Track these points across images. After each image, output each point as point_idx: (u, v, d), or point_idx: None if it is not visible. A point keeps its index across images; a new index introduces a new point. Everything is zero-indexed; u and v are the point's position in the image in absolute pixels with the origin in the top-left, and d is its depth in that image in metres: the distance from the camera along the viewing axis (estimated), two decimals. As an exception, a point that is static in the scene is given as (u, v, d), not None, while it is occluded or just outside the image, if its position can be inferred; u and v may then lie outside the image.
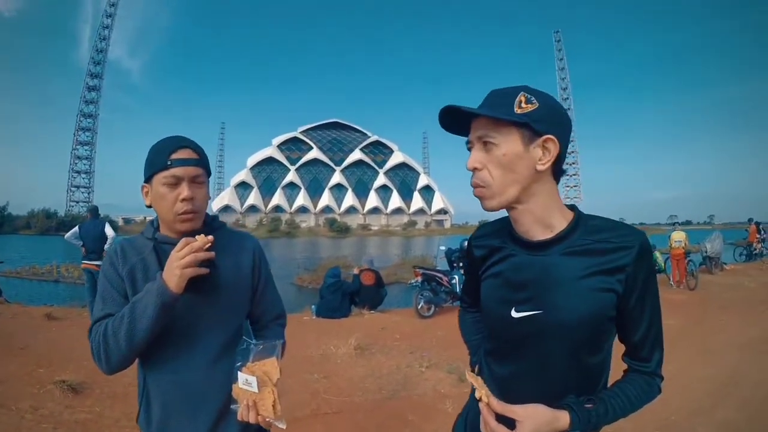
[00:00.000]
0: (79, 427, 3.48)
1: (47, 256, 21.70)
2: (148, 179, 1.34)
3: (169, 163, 1.29)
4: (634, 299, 1.04)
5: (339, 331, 6.64)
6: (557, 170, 1.08)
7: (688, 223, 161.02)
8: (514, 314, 1.09)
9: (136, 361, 1.34)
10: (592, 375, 1.09)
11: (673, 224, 12.99)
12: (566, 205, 1.13)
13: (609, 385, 1.13)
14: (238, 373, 1.22)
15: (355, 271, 9.31)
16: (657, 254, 13.25)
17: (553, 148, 1.03)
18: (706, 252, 13.86)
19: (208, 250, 1.24)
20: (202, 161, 1.35)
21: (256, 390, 1.20)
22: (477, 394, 1.03)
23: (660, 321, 1.10)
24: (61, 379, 4.08)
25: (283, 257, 30.52)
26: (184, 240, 1.23)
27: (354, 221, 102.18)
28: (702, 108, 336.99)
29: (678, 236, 11.65)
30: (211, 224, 1.46)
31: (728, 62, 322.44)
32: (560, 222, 1.08)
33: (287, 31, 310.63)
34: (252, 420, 1.21)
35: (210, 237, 1.25)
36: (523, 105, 1.01)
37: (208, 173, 1.40)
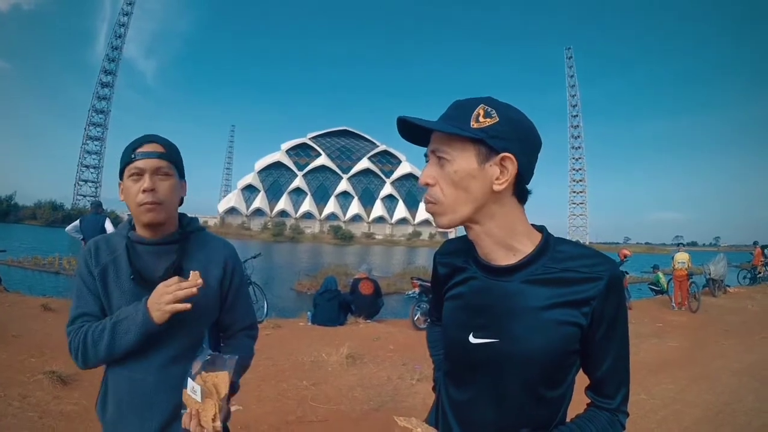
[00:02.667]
0: (64, 418, 3.49)
1: (51, 247, 21.87)
2: (121, 176, 1.37)
3: (133, 156, 1.33)
4: (600, 334, 0.97)
5: (333, 338, 6.60)
6: (520, 190, 1.00)
7: (694, 244, 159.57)
8: (472, 339, 1.03)
9: None
10: (550, 408, 1.03)
11: (678, 245, 12.90)
12: (535, 227, 1.06)
13: (569, 418, 1.06)
14: (188, 379, 1.23)
15: (356, 275, 9.27)
16: (660, 275, 13.26)
17: (511, 167, 0.94)
18: (709, 274, 13.64)
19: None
20: (167, 155, 1.36)
21: (200, 399, 1.20)
22: None
23: (627, 357, 1.03)
24: (51, 369, 4.10)
25: (285, 262, 30.59)
26: (176, 278, 1.26)
27: (358, 230, 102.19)
28: (711, 129, 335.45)
29: (681, 257, 11.55)
30: (185, 226, 1.46)
31: (737, 84, 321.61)
32: (525, 246, 1.00)
33: (301, 39, 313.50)
34: (192, 428, 1.22)
35: (200, 281, 1.26)
36: (480, 119, 0.94)
37: (179, 169, 1.41)
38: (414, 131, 1.02)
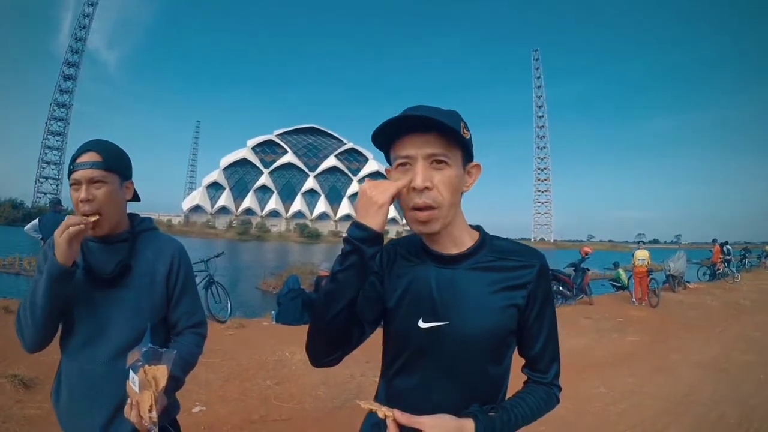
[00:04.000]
0: (27, 422, 3.47)
1: (11, 247, 20.95)
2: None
3: (72, 167, 1.41)
4: (534, 314, 1.12)
5: (297, 337, 6.55)
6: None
7: (656, 242, 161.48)
8: (422, 324, 1.11)
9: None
10: (495, 385, 1.14)
11: (639, 243, 13.30)
12: (471, 226, 1.20)
13: (509, 396, 1.17)
14: (130, 371, 1.27)
15: (320, 273, 9.28)
16: (620, 271, 13.51)
17: (476, 173, 1.13)
18: (669, 270, 14.10)
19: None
20: (103, 163, 1.41)
21: (137, 390, 1.24)
22: (380, 415, 1.01)
23: (557, 335, 1.18)
24: (14, 373, 4.05)
25: (251, 261, 30.06)
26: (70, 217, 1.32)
27: (325, 228, 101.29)
28: (674, 129, 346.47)
29: (641, 254, 11.92)
30: (136, 226, 1.56)
31: (699, 85, 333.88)
32: (467, 240, 1.14)
33: (268, 33, 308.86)
34: (132, 418, 1.27)
35: (88, 219, 1.35)
36: (464, 130, 1.06)
37: (120, 174, 1.48)
38: (388, 136, 1.08)
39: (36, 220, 7.54)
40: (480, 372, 1.12)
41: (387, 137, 1.08)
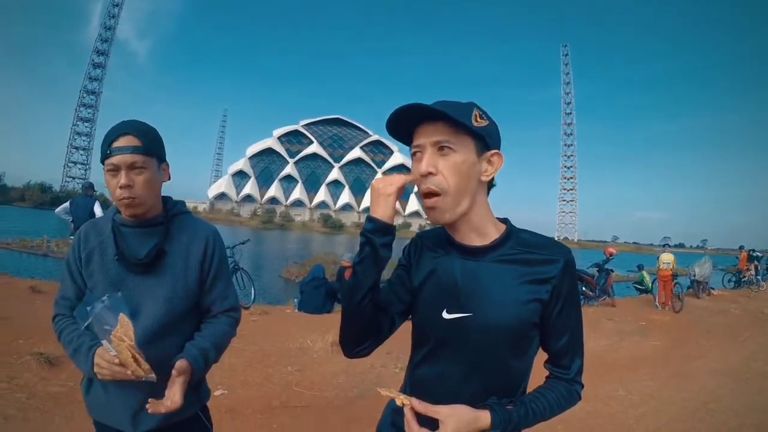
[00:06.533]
0: (52, 399, 3.51)
1: (39, 229, 21.58)
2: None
3: (108, 152, 1.36)
4: (558, 309, 1.10)
5: (319, 325, 6.57)
6: (490, 183, 1.15)
7: (681, 245, 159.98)
8: (446, 315, 1.12)
9: None
10: (515, 378, 1.14)
11: (665, 246, 13.03)
12: (498, 219, 1.19)
13: (529, 390, 1.17)
14: (104, 342, 1.25)
15: (343, 263, 9.29)
16: (645, 274, 13.19)
17: (498, 162, 1.11)
18: (694, 276, 13.72)
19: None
20: (142, 148, 1.37)
21: (114, 351, 1.23)
22: (398, 402, 1.03)
23: (581, 331, 1.16)
24: (39, 351, 4.10)
25: (274, 250, 30.50)
26: (121, 369, 1.26)
27: (349, 219, 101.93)
28: (705, 132, 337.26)
29: (666, 258, 11.63)
30: (169, 209, 1.52)
31: (733, 86, 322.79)
32: (493, 232, 1.14)
33: (296, 24, 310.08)
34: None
35: (144, 375, 1.27)
36: (478, 120, 1.07)
37: (158, 157, 1.44)
38: (402, 124, 1.11)
39: (67, 203, 7.68)
40: (501, 365, 1.11)
41: (406, 131, 1.13)
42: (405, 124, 1.11)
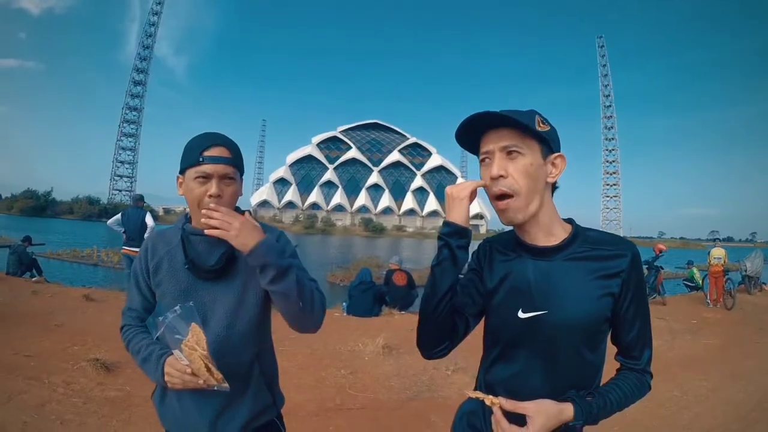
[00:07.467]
0: (108, 403, 3.57)
1: (88, 240, 22.54)
2: (182, 171, 1.39)
3: (201, 159, 1.34)
4: (627, 302, 1.15)
5: (368, 329, 6.62)
6: (554, 185, 1.21)
7: (730, 239, 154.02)
8: (521, 315, 1.17)
9: None
10: (591, 371, 1.18)
11: (714, 240, 12.44)
12: (564, 219, 1.24)
13: (603, 382, 1.21)
14: (175, 351, 1.23)
15: (391, 266, 9.23)
16: (695, 271, 12.96)
17: (561, 164, 1.18)
18: (745, 271, 13.28)
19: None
20: (233, 160, 1.38)
21: (186, 360, 1.22)
22: (488, 403, 1.10)
23: (649, 322, 1.20)
24: (95, 356, 4.20)
25: (317, 254, 30.88)
26: (193, 378, 1.24)
27: (389, 222, 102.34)
28: (749, 123, 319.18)
29: (717, 253, 11.30)
30: None
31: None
32: (561, 232, 1.19)
33: (331, 32, 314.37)
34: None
35: (217, 384, 1.25)
36: (541, 125, 1.13)
37: (241, 171, 1.43)
38: (469, 137, 1.20)
39: (119, 215, 7.94)
40: (577, 359, 1.16)
41: (473, 140, 1.20)
42: (470, 135, 1.19)
